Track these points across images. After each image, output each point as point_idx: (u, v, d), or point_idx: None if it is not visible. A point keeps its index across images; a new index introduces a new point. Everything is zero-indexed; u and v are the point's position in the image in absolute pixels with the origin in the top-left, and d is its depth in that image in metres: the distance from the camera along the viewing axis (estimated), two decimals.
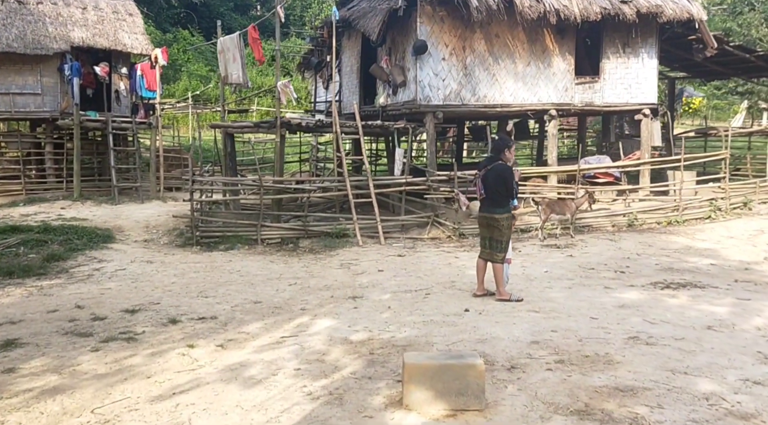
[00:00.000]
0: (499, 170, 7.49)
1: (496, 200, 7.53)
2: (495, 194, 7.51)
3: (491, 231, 7.60)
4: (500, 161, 7.53)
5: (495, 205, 7.55)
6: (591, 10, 13.67)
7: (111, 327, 6.89)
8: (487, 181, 7.50)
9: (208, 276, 9.69)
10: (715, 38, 15.98)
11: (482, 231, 7.77)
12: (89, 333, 6.67)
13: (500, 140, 7.80)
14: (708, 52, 16.56)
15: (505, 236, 7.55)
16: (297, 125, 13.07)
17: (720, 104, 35.82)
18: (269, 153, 23.96)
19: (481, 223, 7.79)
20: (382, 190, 13.56)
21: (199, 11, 42.47)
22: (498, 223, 7.52)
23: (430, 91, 13.60)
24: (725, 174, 15.53)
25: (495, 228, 7.55)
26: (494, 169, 7.49)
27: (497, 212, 7.54)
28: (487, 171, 7.52)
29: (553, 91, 14.65)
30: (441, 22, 13.47)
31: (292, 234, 12.77)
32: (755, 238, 12.49)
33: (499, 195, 7.51)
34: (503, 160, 7.55)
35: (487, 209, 7.63)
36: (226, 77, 14.77)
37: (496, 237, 7.56)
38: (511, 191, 7.51)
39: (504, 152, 7.57)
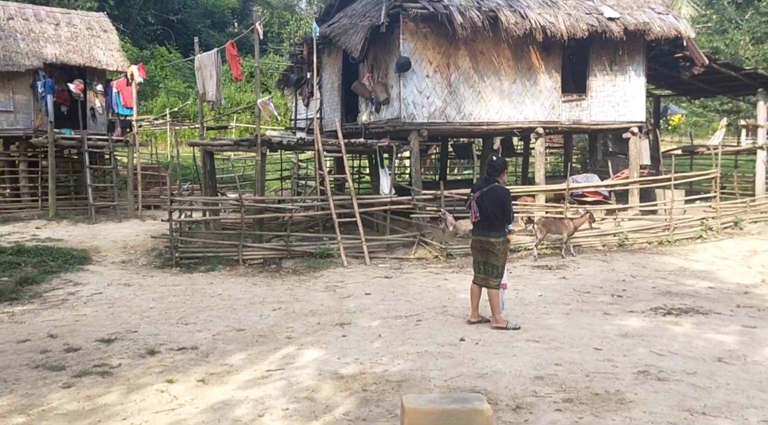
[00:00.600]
0: (497, 192, 7.19)
1: (492, 223, 7.22)
2: (491, 217, 7.19)
3: (486, 256, 7.27)
4: (497, 183, 7.23)
5: (490, 229, 7.23)
6: (578, 27, 13.53)
7: (85, 359, 6.43)
8: (483, 203, 7.19)
9: (189, 300, 9.24)
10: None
11: (476, 255, 7.44)
12: (62, 366, 6.21)
13: (498, 161, 7.50)
14: (696, 70, 16.55)
15: (500, 261, 7.23)
16: (278, 143, 12.69)
17: (700, 121, 36.12)
18: (249, 170, 23.55)
19: (475, 247, 7.46)
20: (367, 209, 13.23)
21: (176, 28, 42.05)
22: (493, 247, 7.20)
23: (415, 109, 13.32)
24: (716, 193, 15.42)
25: (490, 252, 7.23)
26: (491, 191, 7.18)
27: (492, 236, 7.22)
28: (482, 193, 7.21)
29: (539, 108, 14.47)
30: (424, 38, 13.24)
31: (274, 255, 12.36)
32: (749, 259, 12.33)
33: (495, 218, 7.19)
34: (500, 182, 7.25)
35: (481, 232, 7.30)
36: (204, 94, 14.43)
37: (491, 261, 7.24)
38: (508, 215, 7.20)
39: (502, 173, 7.28)
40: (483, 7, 12.88)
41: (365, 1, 15.14)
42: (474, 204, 7.21)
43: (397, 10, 12.53)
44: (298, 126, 18.16)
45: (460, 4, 12.72)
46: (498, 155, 7.68)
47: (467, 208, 7.33)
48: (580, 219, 12.63)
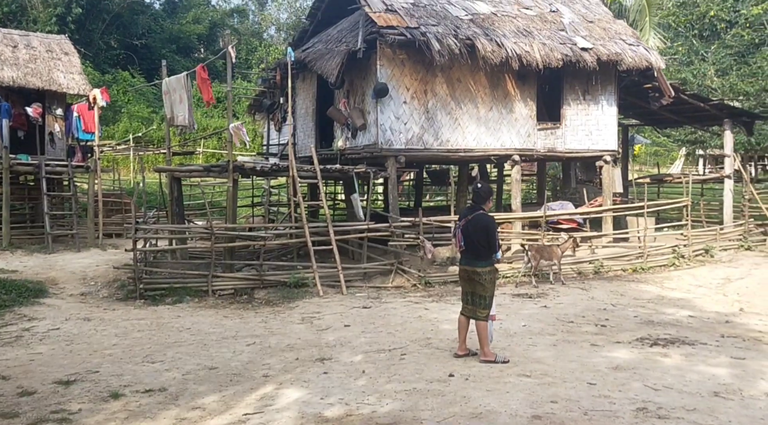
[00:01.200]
0: (481, 221, 6.93)
1: (478, 252, 6.95)
2: (476, 246, 6.92)
3: (473, 286, 6.98)
4: (482, 211, 6.97)
5: (477, 258, 6.96)
6: (552, 57, 13.54)
7: (41, 404, 5.88)
8: (468, 232, 6.92)
9: (155, 335, 8.70)
10: (672, 87, 16.13)
11: (463, 285, 7.14)
12: (14, 413, 5.65)
13: (482, 188, 7.23)
14: (664, 101, 16.70)
15: (488, 291, 6.94)
16: (251, 169, 12.29)
17: (660, 151, 36.87)
18: (218, 197, 22.99)
19: (462, 277, 7.16)
20: (343, 237, 12.87)
21: (140, 53, 41.36)
22: (480, 277, 6.92)
23: (392, 135, 13.09)
24: (687, 221, 15.49)
25: (477, 283, 6.94)
26: (475, 219, 6.93)
27: (479, 265, 6.94)
28: (467, 221, 6.94)
29: (515, 136, 14.38)
30: (401, 65, 13.07)
31: (246, 285, 11.88)
32: (723, 287, 12.31)
33: (481, 247, 6.92)
34: (485, 210, 7.00)
35: (468, 262, 7.02)
36: (172, 119, 13.98)
37: (479, 292, 6.94)
38: (493, 244, 6.93)
39: (488, 201, 7.04)
40: (460, 35, 12.80)
41: (340, 27, 14.97)
42: (459, 233, 6.94)
43: (374, 35, 12.36)
44: (270, 152, 17.74)
45: (437, 31, 12.62)
46: (481, 182, 7.42)
47: (453, 236, 7.03)
48: (565, 245, 12.58)
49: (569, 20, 15.15)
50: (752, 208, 17.51)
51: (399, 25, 12.44)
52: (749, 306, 10.49)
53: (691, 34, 21.55)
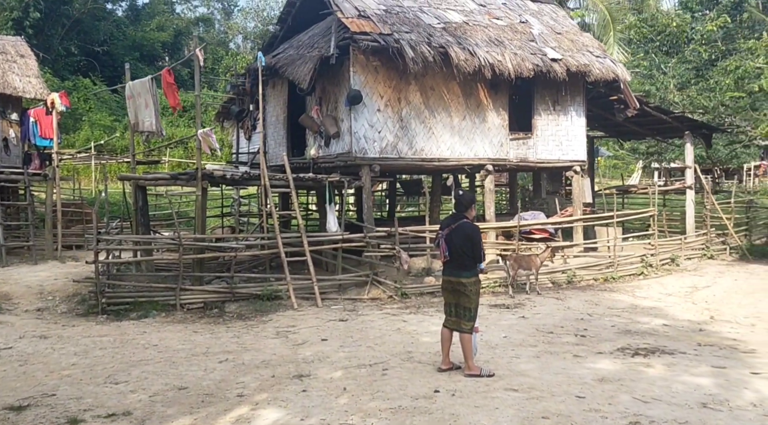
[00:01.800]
0: (466, 229, 6.70)
1: (463, 263, 6.70)
2: (461, 256, 6.68)
3: (458, 298, 6.74)
4: (465, 219, 6.75)
5: (461, 268, 6.71)
6: (524, 67, 13.49)
7: None
8: (452, 241, 6.67)
9: (119, 353, 8.20)
10: (636, 99, 16.27)
11: (447, 297, 6.89)
12: None
13: (465, 195, 7.03)
14: (629, 113, 16.83)
15: (473, 303, 6.71)
16: (221, 177, 11.87)
17: (618, 164, 37.54)
18: (185, 207, 22.36)
19: (445, 288, 6.91)
20: (317, 247, 12.54)
21: (102, 60, 40.30)
22: (465, 288, 6.69)
23: (366, 143, 12.83)
24: (654, 231, 15.59)
25: (462, 294, 6.70)
26: (460, 228, 6.69)
27: (464, 276, 6.70)
28: (451, 230, 6.69)
29: (488, 146, 14.26)
30: (375, 72, 12.84)
31: (216, 298, 11.43)
32: (692, 295, 12.38)
33: (466, 257, 6.69)
34: (468, 218, 6.78)
35: (451, 273, 6.77)
36: (137, 125, 13.39)
37: (463, 304, 6.71)
38: (478, 253, 6.71)
39: (470, 209, 6.81)
40: (433, 43, 12.64)
41: (312, 32, 14.69)
42: (443, 242, 6.67)
43: (348, 41, 12.11)
44: (240, 160, 17.29)
45: (411, 38, 12.44)
46: (463, 190, 7.25)
47: (436, 246, 6.78)
48: (543, 254, 12.51)
49: (538, 31, 15.16)
50: (713, 218, 17.77)
51: (372, 31, 12.22)
52: (718, 314, 10.54)
53: (652, 47, 21.84)
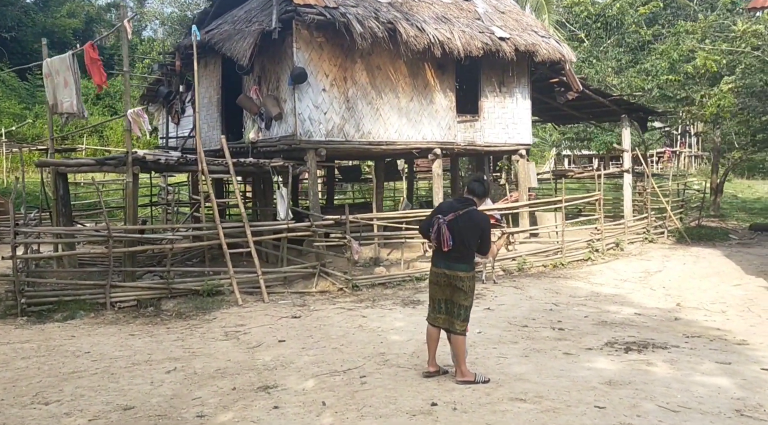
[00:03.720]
0: (475, 218, 5.81)
1: (463, 254, 5.80)
2: (464, 247, 5.77)
3: (452, 293, 5.83)
4: (473, 206, 5.83)
5: (460, 260, 5.81)
6: (473, 45, 12.74)
7: None
8: (457, 228, 5.72)
9: (45, 363, 6.90)
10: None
11: (437, 292, 5.97)
12: None
13: (483, 181, 6.09)
14: (570, 96, 16.47)
15: (469, 300, 5.83)
16: (154, 162, 10.48)
17: (533, 150, 37.83)
18: (108, 196, 20.47)
19: (437, 282, 5.97)
20: (260, 238, 11.39)
21: (10, 47, 37.04)
22: (463, 283, 5.80)
23: (311, 126, 11.72)
24: (600, 215, 15.26)
25: (458, 289, 5.80)
26: (468, 215, 5.76)
27: (461, 269, 5.80)
28: (457, 216, 5.73)
29: (437, 128, 13.46)
30: (320, 49, 11.73)
31: (151, 295, 10.13)
32: (647, 281, 12.06)
33: (469, 248, 5.80)
34: (477, 206, 5.88)
35: (447, 265, 5.84)
36: (55, 106, 11.82)
37: (458, 300, 5.81)
38: (487, 245, 5.85)
39: (484, 198, 5.91)
40: (381, 18, 11.66)
41: (248, 7, 13.37)
42: (445, 229, 5.68)
43: (291, 14, 10.94)
44: (169, 145, 15.76)
45: (358, 13, 11.40)
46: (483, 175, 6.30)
47: (432, 233, 5.76)
48: (499, 242, 11.73)
49: (483, 10, 14.45)
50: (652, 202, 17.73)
51: (317, 4, 11.10)
52: (684, 301, 10.17)
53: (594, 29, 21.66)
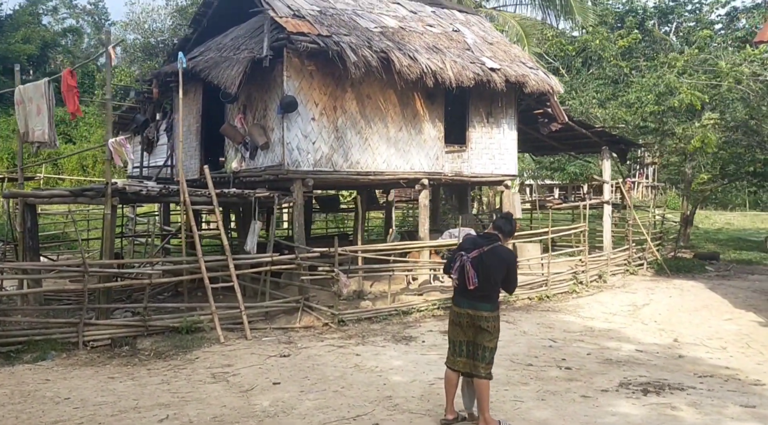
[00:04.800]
0: (502, 254, 5.66)
1: (488, 293, 5.65)
2: (489, 285, 5.61)
3: (475, 335, 5.64)
4: (499, 242, 5.69)
5: (484, 299, 5.64)
6: (464, 75, 12.79)
7: None
8: (483, 265, 5.55)
9: (23, 412, 6.46)
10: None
11: (457, 333, 5.77)
12: None
13: (507, 218, 5.94)
14: (553, 127, 16.65)
15: (494, 341, 5.66)
16: (135, 193, 10.11)
17: None
18: (70, 227, 19.79)
19: (458, 323, 5.77)
20: (243, 271, 11.07)
21: None
22: (487, 324, 5.63)
23: (299, 155, 11.53)
24: (585, 247, 15.34)
25: (482, 330, 5.62)
26: (494, 251, 5.62)
27: (485, 308, 5.63)
28: (482, 253, 5.58)
29: (425, 158, 13.42)
30: (310, 77, 11.61)
31: (126, 333, 9.68)
32: (636, 315, 12.11)
33: (494, 286, 5.66)
34: (502, 243, 5.73)
35: (471, 304, 5.66)
36: (26, 134, 11.46)
37: (482, 342, 5.62)
38: (513, 283, 5.72)
39: (510, 235, 5.76)
40: (374, 47, 11.62)
41: (234, 35, 13.22)
42: (469, 266, 5.51)
43: (283, 42, 10.81)
44: (143, 175, 15.36)
45: (351, 41, 11.34)
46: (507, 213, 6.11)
47: (453, 271, 5.58)
48: None
49: (472, 40, 14.59)
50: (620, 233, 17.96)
51: (310, 32, 11.01)
52: (680, 337, 10.19)
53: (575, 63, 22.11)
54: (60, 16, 57.31)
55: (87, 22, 59.43)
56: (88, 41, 56.70)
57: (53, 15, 56.96)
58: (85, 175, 31.61)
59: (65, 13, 57.86)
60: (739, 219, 34.22)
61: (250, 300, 11.72)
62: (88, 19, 59.51)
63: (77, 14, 58.55)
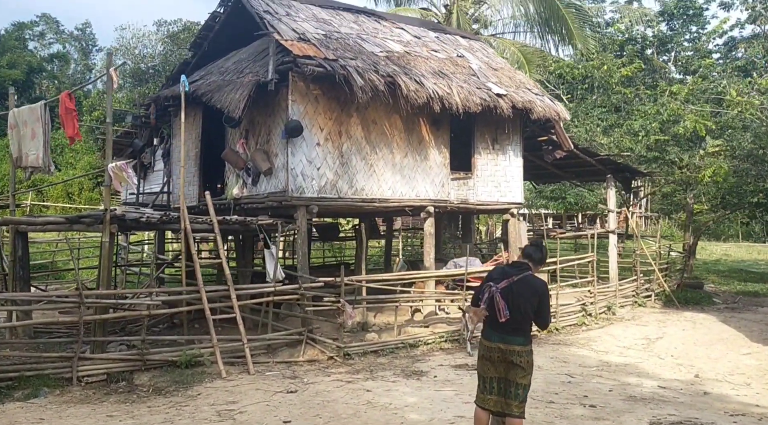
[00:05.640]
0: (534, 284, 5.45)
1: (520, 325, 5.42)
2: (521, 317, 5.39)
3: (507, 371, 5.41)
4: (530, 272, 5.50)
5: (516, 333, 5.41)
6: (471, 101, 12.73)
7: None
8: (513, 296, 5.36)
9: None
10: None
11: (488, 369, 5.52)
12: None
13: (538, 245, 5.75)
14: (557, 154, 16.62)
15: (528, 377, 5.42)
16: (134, 220, 9.87)
17: None
18: (60, 256, 19.46)
19: (489, 358, 5.52)
20: (245, 302, 10.81)
21: None
22: (521, 359, 5.39)
23: (303, 181, 11.35)
24: (594, 277, 15.17)
25: (515, 366, 5.38)
26: (524, 281, 5.42)
27: (518, 342, 5.40)
28: (511, 283, 5.38)
29: (430, 186, 13.28)
30: (315, 101, 11.51)
31: (123, 367, 9.37)
32: (651, 348, 11.92)
33: (527, 318, 5.43)
34: (533, 272, 5.54)
35: (503, 338, 5.42)
36: (20, 159, 11.26)
37: (515, 379, 5.38)
38: (546, 315, 5.51)
39: (542, 263, 5.58)
40: (380, 71, 11.55)
41: (237, 58, 13.13)
42: (499, 297, 5.32)
43: (289, 65, 10.71)
44: (140, 201, 15.12)
45: (358, 65, 11.27)
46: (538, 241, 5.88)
47: (482, 303, 5.38)
48: None
49: (477, 66, 14.59)
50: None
51: (316, 55, 10.92)
52: (701, 372, 9.99)
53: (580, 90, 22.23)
54: (46, 41, 57.54)
55: (74, 47, 59.65)
56: (74, 67, 56.85)
57: (39, 40, 57.21)
58: (71, 202, 31.30)
59: (52, 39, 58.09)
60: (735, 250, 34.34)
61: (249, 331, 11.41)
62: (76, 45, 59.74)
63: (64, 40, 58.78)
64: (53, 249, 19.97)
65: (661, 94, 19.11)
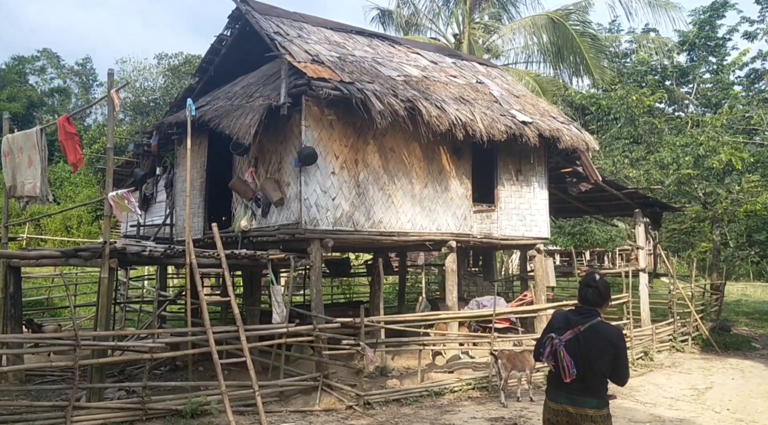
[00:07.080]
0: (605, 333, 4.58)
1: (591, 384, 4.56)
2: (592, 374, 4.54)
3: None
4: (598, 318, 4.67)
5: (588, 393, 4.57)
6: (495, 128, 12.31)
7: None
8: (581, 349, 4.53)
9: None
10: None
11: None
12: None
13: (600, 281, 4.75)
14: (583, 186, 16.13)
15: None
16: (135, 254, 9.36)
17: None
18: (54, 292, 18.90)
19: (557, 423, 4.69)
20: (255, 345, 10.20)
21: None
22: (593, 423, 4.56)
23: (318, 213, 10.86)
24: (629, 319, 14.46)
25: None
26: (593, 330, 4.57)
27: (590, 405, 4.55)
28: (577, 334, 4.57)
29: (451, 218, 12.78)
30: (330, 127, 11.10)
31: (123, 417, 8.74)
32: (702, 400, 11.15)
33: (599, 375, 4.56)
34: (601, 317, 4.69)
35: (570, 399, 4.60)
36: (14, 188, 10.83)
37: None
38: (624, 371, 4.62)
39: (607, 303, 4.75)
40: (399, 96, 11.15)
41: (245, 83, 12.80)
42: (563, 351, 4.52)
43: (303, 88, 10.33)
44: (141, 234, 14.65)
45: (375, 89, 10.88)
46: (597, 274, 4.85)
47: (544, 358, 4.59)
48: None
49: (498, 93, 14.23)
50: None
51: (332, 78, 10.54)
52: None
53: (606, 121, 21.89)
54: (47, 76, 57.98)
55: (75, 82, 60.09)
56: (75, 101, 57.16)
57: (40, 75, 57.66)
58: (69, 235, 30.85)
59: (52, 73, 58.54)
60: (751, 291, 33.62)
61: (258, 376, 10.80)
62: (76, 80, 60.19)
63: (65, 74, 59.26)
64: (49, 284, 19.43)
65: (690, 126, 18.71)
